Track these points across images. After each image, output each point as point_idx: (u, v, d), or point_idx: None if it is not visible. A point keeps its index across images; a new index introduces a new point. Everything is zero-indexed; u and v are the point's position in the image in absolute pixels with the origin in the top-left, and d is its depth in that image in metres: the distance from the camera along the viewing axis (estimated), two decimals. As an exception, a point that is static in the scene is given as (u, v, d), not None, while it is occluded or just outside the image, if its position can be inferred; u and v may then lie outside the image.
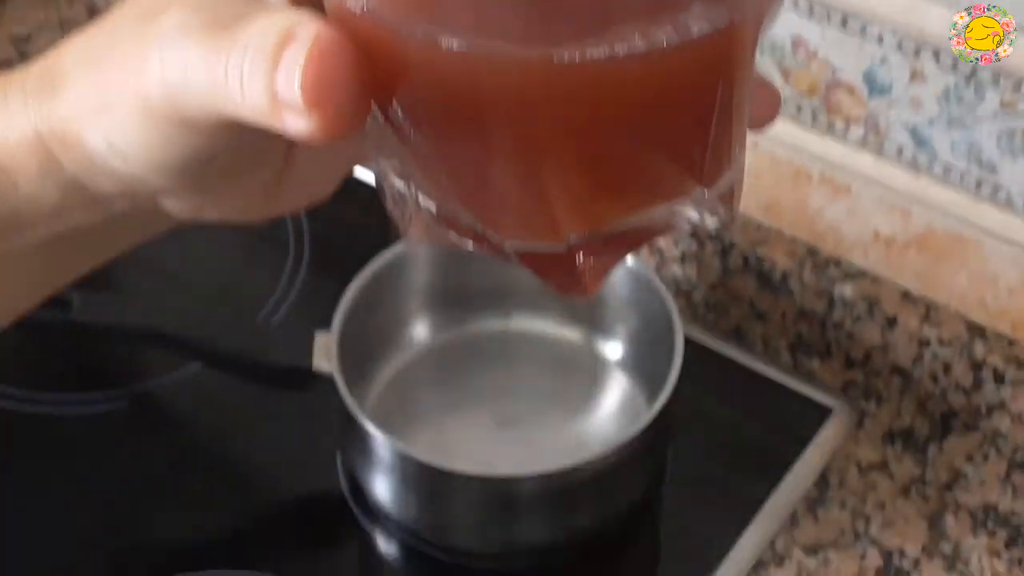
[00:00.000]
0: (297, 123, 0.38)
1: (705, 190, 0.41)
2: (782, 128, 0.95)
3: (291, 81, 0.38)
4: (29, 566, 0.89)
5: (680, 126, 0.40)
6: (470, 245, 0.42)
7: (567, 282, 0.42)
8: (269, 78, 0.38)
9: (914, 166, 0.91)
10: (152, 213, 0.48)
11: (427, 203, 0.42)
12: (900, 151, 0.91)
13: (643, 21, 0.37)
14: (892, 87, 0.88)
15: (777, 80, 0.93)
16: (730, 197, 0.42)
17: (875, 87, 0.89)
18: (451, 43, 0.37)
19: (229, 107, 0.40)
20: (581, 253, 0.41)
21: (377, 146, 0.42)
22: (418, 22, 0.38)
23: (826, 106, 0.92)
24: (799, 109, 0.93)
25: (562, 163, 0.39)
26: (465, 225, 0.42)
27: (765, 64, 0.93)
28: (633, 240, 0.42)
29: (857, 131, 0.92)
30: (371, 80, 0.39)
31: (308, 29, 0.38)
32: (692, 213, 0.42)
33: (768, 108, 0.46)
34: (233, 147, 0.44)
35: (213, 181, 0.46)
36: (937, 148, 0.89)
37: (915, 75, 0.87)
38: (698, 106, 0.40)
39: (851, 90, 0.90)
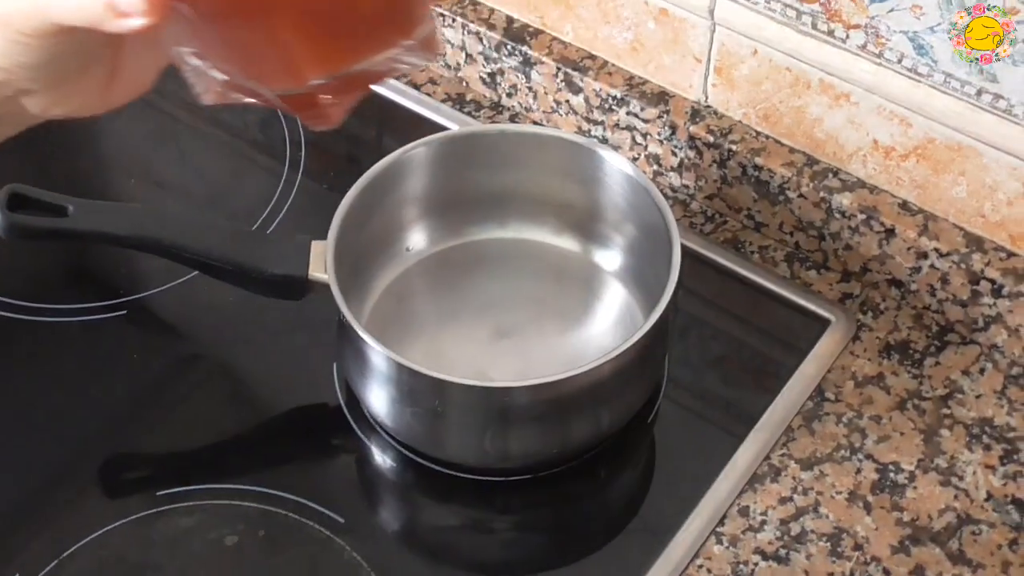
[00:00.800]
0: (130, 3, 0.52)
1: (407, 40, 0.56)
2: (781, 34, 0.94)
3: None
4: (24, 473, 0.90)
5: None
6: (249, 100, 0.57)
7: (316, 117, 0.58)
8: None
9: (915, 74, 0.90)
10: (10, 114, 0.59)
11: (217, 74, 0.56)
12: (900, 59, 0.90)
13: None
14: (893, -6, 0.87)
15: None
16: (429, 45, 0.58)
17: (876, -6, 0.88)
18: None
19: (61, 15, 0.53)
20: (322, 94, 0.57)
21: (175, 35, 0.56)
22: None
23: (826, 12, 0.91)
24: (798, 15, 0.92)
25: (295, 25, 0.54)
26: (244, 86, 0.57)
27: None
28: (364, 81, 0.57)
29: (857, 38, 0.91)
30: None
31: None
32: (406, 59, 0.57)
33: None
34: (75, 49, 0.56)
35: (63, 79, 0.58)
36: (938, 56, 0.88)
37: (917, -18, 0.86)
38: None
39: (852, -4, 0.89)
